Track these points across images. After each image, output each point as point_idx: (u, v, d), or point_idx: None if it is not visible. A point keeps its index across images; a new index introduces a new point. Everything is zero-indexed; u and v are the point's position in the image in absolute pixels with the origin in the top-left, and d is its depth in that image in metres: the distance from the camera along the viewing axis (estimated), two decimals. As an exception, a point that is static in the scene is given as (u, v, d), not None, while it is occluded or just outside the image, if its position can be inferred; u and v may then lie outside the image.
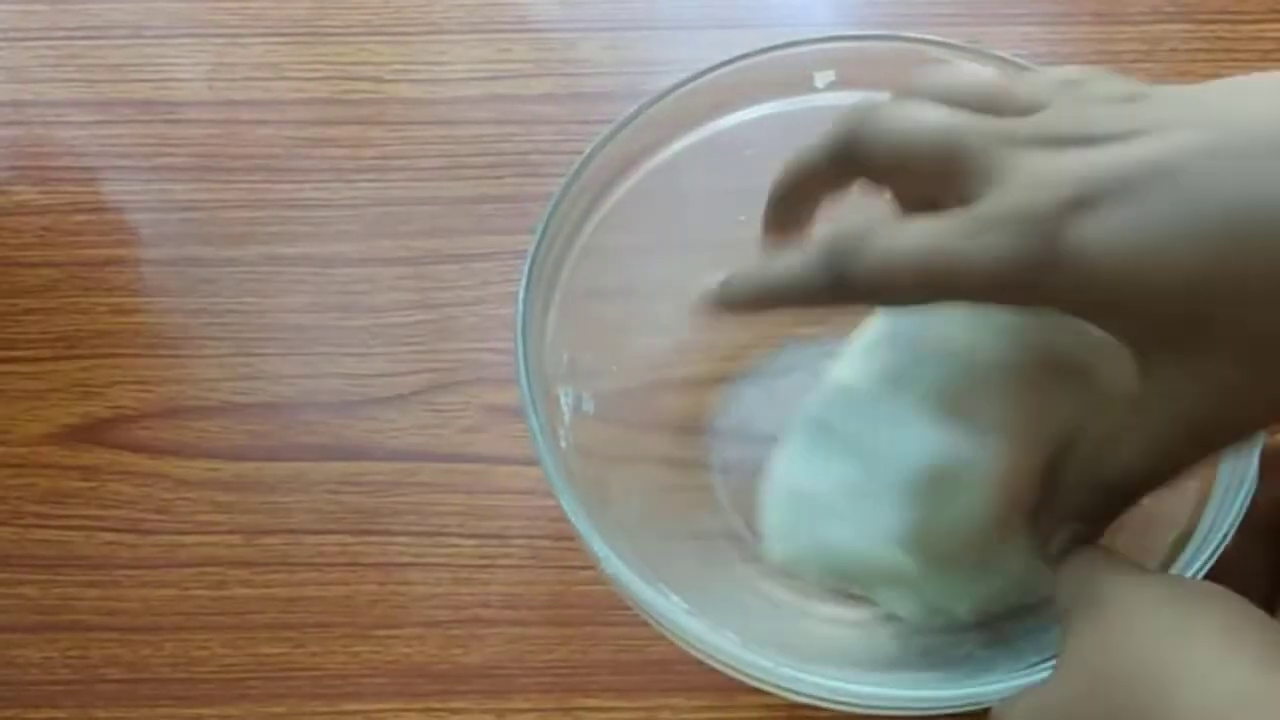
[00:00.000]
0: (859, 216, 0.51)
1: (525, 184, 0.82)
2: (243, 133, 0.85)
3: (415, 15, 0.89)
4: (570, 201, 0.66)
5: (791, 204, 0.56)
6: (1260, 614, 0.45)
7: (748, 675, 0.57)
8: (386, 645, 0.70)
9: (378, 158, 0.84)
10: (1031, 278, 0.45)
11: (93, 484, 0.75)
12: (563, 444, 0.63)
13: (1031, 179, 0.45)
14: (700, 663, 0.68)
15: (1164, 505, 0.61)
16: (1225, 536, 0.56)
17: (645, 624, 0.69)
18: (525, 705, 0.68)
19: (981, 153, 0.47)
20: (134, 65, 0.88)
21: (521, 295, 0.62)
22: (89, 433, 0.76)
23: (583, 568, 0.71)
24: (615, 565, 0.57)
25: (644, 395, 0.61)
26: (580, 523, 0.58)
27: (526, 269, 0.63)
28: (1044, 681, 0.50)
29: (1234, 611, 0.46)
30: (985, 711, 0.53)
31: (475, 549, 0.72)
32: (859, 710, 0.57)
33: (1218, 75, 0.83)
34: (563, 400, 0.65)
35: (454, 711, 0.68)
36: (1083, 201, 0.44)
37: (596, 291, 0.69)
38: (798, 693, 0.56)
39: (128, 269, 0.81)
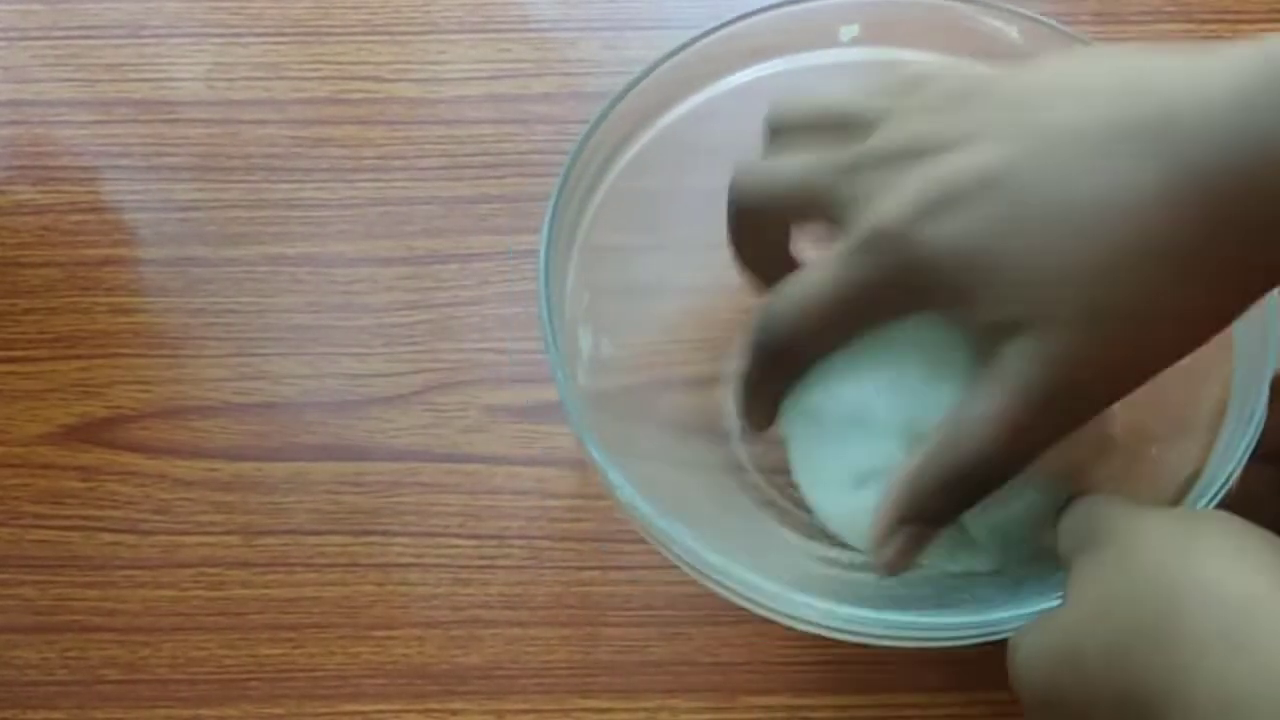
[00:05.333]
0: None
1: (525, 183, 0.82)
2: (242, 132, 0.85)
3: (414, 15, 0.89)
4: (593, 148, 0.67)
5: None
6: (1265, 532, 0.48)
7: (760, 604, 0.57)
8: (385, 646, 0.70)
9: (377, 157, 0.84)
10: (897, 285, 0.52)
11: (91, 484, 0.75)
12: (581, 382, 0.64)
13: (877, 203, 0.52)
14: (700, 663, 0.68)
15: (1174, 450, 0.62)
16: (1233, 472, 0.57)
17: (645, 625, 0.69)
18: (524, 706, 0.68)
19: (832, 189, 0.54)
20: (133, 65, 0.88)
21: (545, 236, 0.63)
22: (88, 433, 0.76)
23: (582, 568, 0.71)
24: (629, 494, 0.57)
25: (661, 344, 0.62)
26: (596, 452, 0.58)
27: (549, 214, 0.63)
28: (1054, 610, 0.52)
29: (1238, 531, 0.48)
30: (1003, 645, 0.53)
31: (475, 550, 0.72)
32: (869, 641, 0.57)
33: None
34: (582, 339, 0.66)
35: (453, 712, 0.68)
36: (923, 212, 0.50)
37: (616, 242, 0.69)
38: (807, 621, 0.56)
39: (127, 269, 0.81)
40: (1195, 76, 0.47)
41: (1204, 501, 0.57)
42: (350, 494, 0.74)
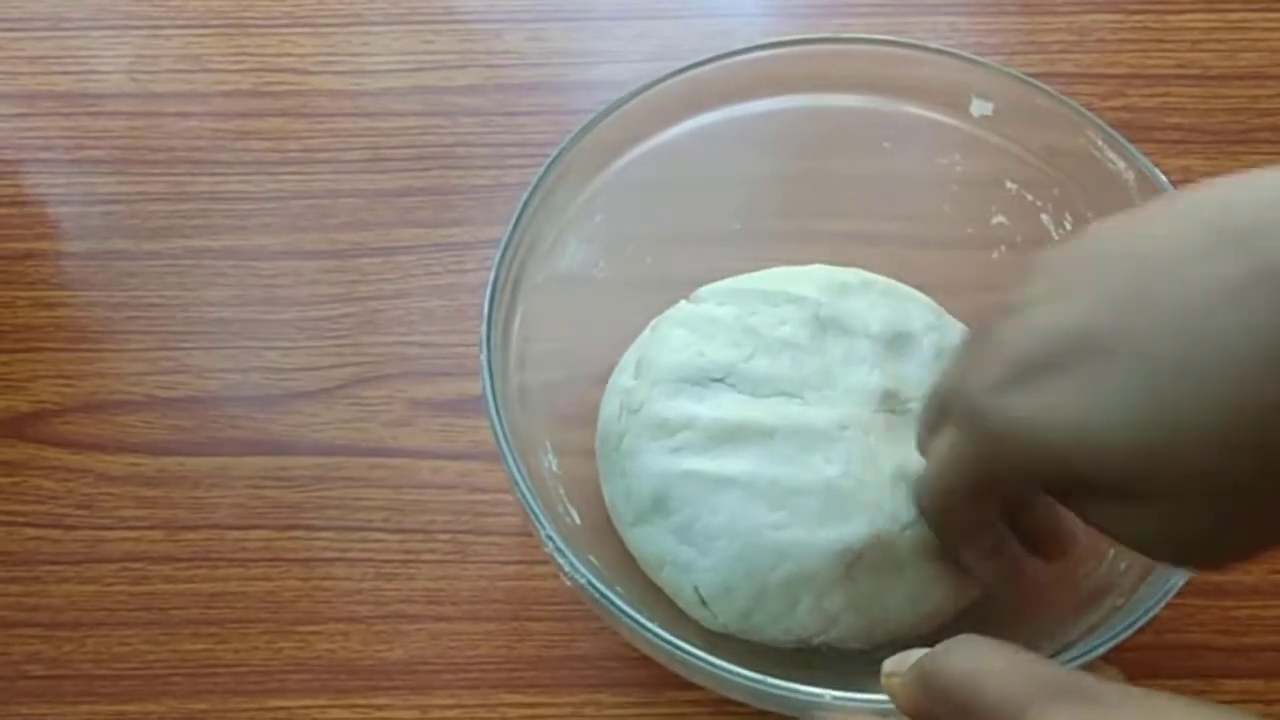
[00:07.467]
0: None
1: (449, 176, 0.82)
2: (165, 125, 0.85)
3: (338, 6, 0.89)
4: (546, 190, 0.66)
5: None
6: None
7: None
8: (309, 641, 0.70)
9: (301, 150, 0.84)
10: (987, 460, 0.51)
11: (14, 479, 0.74)
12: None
13: (961, 369, 0.51)
14: (625, 658, 0.68)
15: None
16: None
17: (570, 619, 0.69)
18: (449, 701, 0.68)
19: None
20: (55, 57, 0.88)
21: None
22: (10, 427, 0.76)
23: (507, 563, 0.71)
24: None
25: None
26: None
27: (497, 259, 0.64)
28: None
29: None
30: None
31: (399, 544, 0.72)
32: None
33: (1145, 65, 0.84)
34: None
35: (378, 707, 0.68)
36: (1015, 379, 0.47)
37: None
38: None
39: (49, 262, 0.80)
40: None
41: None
42: (274, 489, 0.74)
